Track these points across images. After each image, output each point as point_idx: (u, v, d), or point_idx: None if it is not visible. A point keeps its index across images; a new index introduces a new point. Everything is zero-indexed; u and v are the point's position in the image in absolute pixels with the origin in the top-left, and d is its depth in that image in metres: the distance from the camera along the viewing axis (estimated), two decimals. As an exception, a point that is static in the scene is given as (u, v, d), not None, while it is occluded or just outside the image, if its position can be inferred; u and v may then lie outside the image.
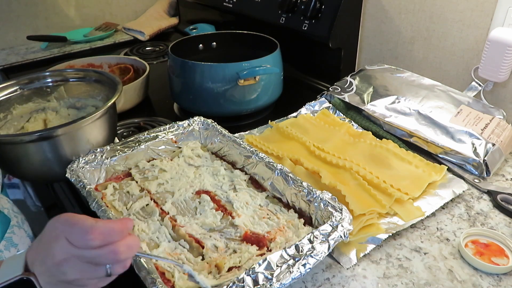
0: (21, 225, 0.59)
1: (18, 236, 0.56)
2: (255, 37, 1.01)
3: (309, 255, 0.49)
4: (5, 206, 0.57)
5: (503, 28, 0.79)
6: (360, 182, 0.68)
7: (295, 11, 1.03)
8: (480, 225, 0.63)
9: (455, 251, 0.59)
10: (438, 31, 0.92)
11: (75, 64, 1.08)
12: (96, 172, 0.68)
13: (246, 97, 0.89)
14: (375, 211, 0.62)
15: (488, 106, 0.82)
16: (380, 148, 0.77)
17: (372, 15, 1.03)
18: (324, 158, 0.75)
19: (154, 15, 1.61)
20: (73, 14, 1.52)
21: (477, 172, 0.73)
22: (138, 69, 1.07)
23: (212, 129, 0.77)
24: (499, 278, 0.54)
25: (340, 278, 0.55)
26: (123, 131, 0.90)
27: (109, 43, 1.47)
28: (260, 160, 0.68)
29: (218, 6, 1.27)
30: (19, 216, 0.60)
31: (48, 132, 0.66)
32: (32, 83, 0.80)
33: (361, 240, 0.59)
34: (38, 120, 0.81)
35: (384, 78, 0.91)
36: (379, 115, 0.84)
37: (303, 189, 0.60)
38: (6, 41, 1.43)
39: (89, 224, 0.38)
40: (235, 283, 0.45)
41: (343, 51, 1.03)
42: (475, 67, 0.87)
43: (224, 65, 0.85)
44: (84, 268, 0.39)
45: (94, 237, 0.38)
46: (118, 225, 0.39)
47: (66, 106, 0.84)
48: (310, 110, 0.91)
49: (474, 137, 0.74)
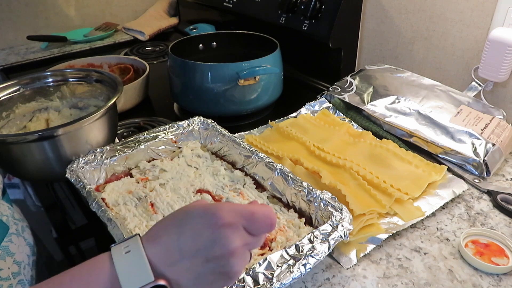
0: (21, 233, 0.57)
1: (16, 245, 0.55)
2: (255, 37, 1.01)
3: (309, 255, 0.49)
4: (5, 213, 0.56)
5: (503, 28, 0.79)
6: (360, 182, 0.68)
7: (295, 11, 1.03)
8: (480, 225, 0.63)
9: (455, 251, 0.59)
10: (438, 31, 0.92)
11: (75, 64, 1.08)
12: (96, 172, 0.68)
13: (246, 97, 0.89)
14: (375, 211, 0.62)
15: (488, 106, 0.82)
16: (380, 148, 0.77)
17: (372, 15, 1.03)
18: (324, 158, 0.75)
19: (154, 15, 1.61)
20: (73, 14, 1.52)
21: (477, 172, 0.73)
22: (138, 69, 1.07)
23: (212, 129, 0.77)
24: (499, 278, 0.55)
25: (340, 278, 0.55)
26: (123, 131, 0.90)
27: (109, 43, 1.47)
28: (260, 160, 0.68)
29: (218, 6, 1.27)
30: (20, 223, 0.59)
31: (48, 132, 0.66)
32: (33, 83, 0.80)
33: (361, 240, 0.59)
34: (40, 120, 0.81)
35: (384, 78, 0.91)
36: (379, 115, 0.84)
37: (303, 189, 0.60)
38: (6, 41, 1.43)
39: (266, 210, 0.37)
40: (235, 283, 0.45)
41: (343, 51, 1.03)
42: (475, 67, 0.87)
43: (224, 65, 0.85)
44: (246, 256, 0.37)
45: (273, 223, 0.37)
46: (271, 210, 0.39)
47: (68, 105, 0.84)
48: (310, 110, 0.91)
49: (474, 137, 0.74)
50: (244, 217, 0.36)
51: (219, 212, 0.36)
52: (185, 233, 0.35)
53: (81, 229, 0.78)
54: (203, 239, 0.35)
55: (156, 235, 0.36)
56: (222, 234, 0.35)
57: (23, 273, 0.55)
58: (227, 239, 0.35)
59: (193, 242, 0.35)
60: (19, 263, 0.55)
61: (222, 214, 0.35)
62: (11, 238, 0.55)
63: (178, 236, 0.35)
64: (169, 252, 0.35)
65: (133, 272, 0.34)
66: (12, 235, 0.55)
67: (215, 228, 0.35)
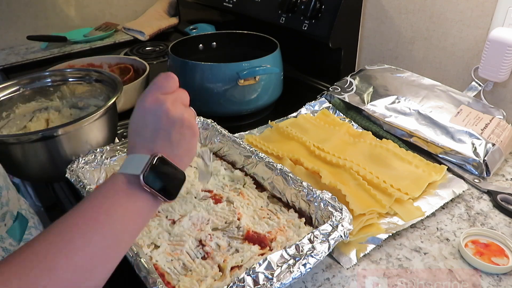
0: (37, 226, 0.59)
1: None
2: (255, 37, 1.01)
3: (309, 254, 0.49)
4: (23, 207, 0.57)
5: (503, 28, 0.79)
6: (360, 182, 0.68)
7: (295, 11, 1.03)
8: (480, 225, 0.63)
9: (455, 251, 0.59)
10: (438, 31, 0.92)
11: (75, 64, 1.08)
12: (96, 172, 0.68)
13: (246, 97, 0.89)
14: (375, 211, 0.62)
15: (488, 106, 0.82)
16: (380, 148, 0.77)
17: (372, 15, 1.03)
18: (324, 158, 0.75)
19: (154, 15, 1.61)
20: (73, 14, 1.52)
21: (477, 172, 0.73)
22: (138, 69, 1.07)
23: (212, 129, 0.77)
24: (499, 278, 0.55)
25: (340, 278, 0.55)
26: (123, 131, 0.90)
27: (109, 43, 1.47)
28: (260, 160, 0.68)
29: (218, 6, 1.27)
30: (35, 217, 0.60)
31: (48, 132, 0.66)
32: (33, 83, 0.80)
33: (361, 240, 0.59)
34: (40, 120, 0.81)
35: (384, 78, 0.91)
36: (379, 115, 0.84)
37: (303, 189, 0.60)
38: (6, 41, 1.43)
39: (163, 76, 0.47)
40: (235, 283, 0.45)
41: (343, 51, 1.03)
42: (475, 67, 0.87)
43: (224, 65, 0.85)
44: (180, 107, 0.46)
45: (168, 74, 0.47)
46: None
47: (68, 105, 0.84)
48: (310, 110, 0.91)
49: (474, 137, 0.74)
50: (155, 87, 0.46)
51: (145, 99, 0.45)
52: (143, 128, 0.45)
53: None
54: (150, 123, 0.45)
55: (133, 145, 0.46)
56: (152, 109, 0.45)
57: None
58: (156, 109, 0.45)
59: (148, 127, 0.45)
60: None
61: (146, 98, 0.45)
62: (30, 231, 0.56)
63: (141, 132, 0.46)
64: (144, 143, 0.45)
65: (135, 163, 0.43)
66: (31, 228, 0.57)
67: (147, 111, 0.45)
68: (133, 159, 0.44)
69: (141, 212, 0.44)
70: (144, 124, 0.45)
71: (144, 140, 0.45)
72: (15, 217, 0.54)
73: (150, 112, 0.45)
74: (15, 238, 0.53)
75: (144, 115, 0.45)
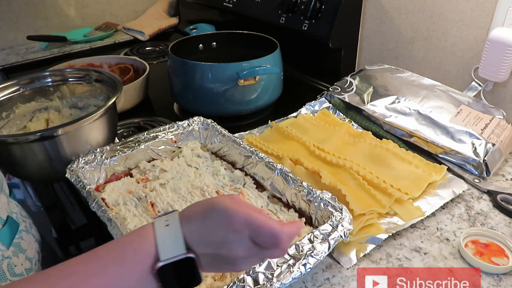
0: (29, 230, 0.59)
1: (26, 241, 0.56)
2: (255, 37, 1.01)
3: (309, 254, 0.49)
4: (14, 211, 0.57)
5: (503, 28, 0.79)
6: (360, 182, 0.68)
7: (295, 11, 1.03)
8: (480, 225, 0.63)
9: (455, 251, 0.59)
10: (438, 31, 0.92)
11: (75, 64, 1.08)
12: (96, 172, 0.68)
13: (246, 97, 0.89)
14: (375, 211, 0.62)
15: (488, 106, 0.82)
16: (380, 148, 0.77)
17: (372, 15, 1.03)
18: (324, 158, 0.75)
19: (154, 15, 1.61)
20: (73, 14, 1.52)
21: (477, 172, 0.73)
22: (138, 69, 1.07)
23: (212, 129, 0.77)
24: (499, 278, 0.55)
25: (340, 278, 0.55)
26: (123, 131, 0.90)
27: (109, 43, 1.47)
28: (260, 160, 0.68)
29: (218, 6, 1.27)
30: (27, 220, 0.60)
31: (48, 132, 0.66)
32: (33, 83, 0.80)
33: (361, 240, 0.59)
34: (40, 120, 0.81)
35: (384, 78, 0.91)
36: (379, 115, 0.84)
37: (303, 189, 0.60)
38: (6, 41, 1.43)
39: (276, 228, 0.39)
40: (235, 283, 0.45)
41: (343, 51, 1.03)
42: (475, 67, 0.87)
43: (224, 65, 0.85)
44: (255, 261, 0.42)
45: (283, 243, 0.39)
46: (298, 230, 0.41)
47: (68, 105, 0.84)
48: (310, 110, 0.91)
49: (474, 137, 0.74)
50: (251, 228, 0.39)
51: (233, 218, 0.39)
52: (205, 224, 0.40)
53: (81, 229, 0.78)
54: (215, 237, 0.39)
55: (189, 216, 0.41)
56: (230, 239, 0.39)
57: (35, 269, 0.56)
58: (231, 245, 0.39)
59: (208, 235, 0.39)
60: (31, 259, 0.55)
61: (234, 220, 0.39)
62: (21, 235, 0.56)
63: (202, 223, 0.40)
64: (197, 232, 0.40)
65: (170, 243, 0.39)
66: (22, 232, 0.56)
67: (226, 231, 0.39)
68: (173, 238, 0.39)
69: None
70: (210, 227, 0.39)
71: (200, 236, 0.39)
72: (4, 221, 0.53)
73: (222, 233, 0.39)
74: (4, 243, 0.52)
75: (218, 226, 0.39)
